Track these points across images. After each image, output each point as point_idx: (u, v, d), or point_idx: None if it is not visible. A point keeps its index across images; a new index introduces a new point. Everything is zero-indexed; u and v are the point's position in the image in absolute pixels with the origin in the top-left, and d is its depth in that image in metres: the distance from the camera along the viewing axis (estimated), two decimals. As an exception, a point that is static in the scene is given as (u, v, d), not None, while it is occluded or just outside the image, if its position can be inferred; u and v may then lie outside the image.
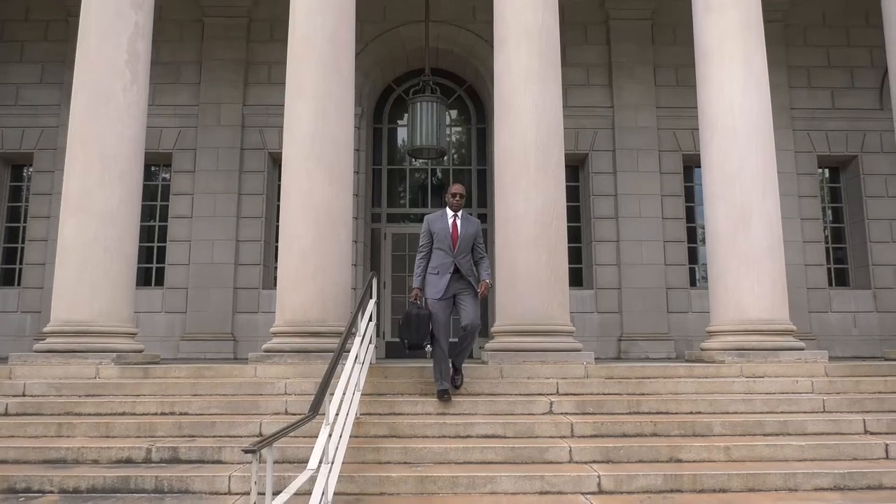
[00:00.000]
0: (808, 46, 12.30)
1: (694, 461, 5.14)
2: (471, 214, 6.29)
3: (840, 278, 12.17)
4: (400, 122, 12.79)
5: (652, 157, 11.71)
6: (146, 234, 11.46)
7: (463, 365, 6.28)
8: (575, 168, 12.10)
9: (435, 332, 5.82)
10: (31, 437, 5.57)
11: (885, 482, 4.84)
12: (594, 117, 11.86)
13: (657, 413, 6.00)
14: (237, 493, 4.65)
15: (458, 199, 6.13)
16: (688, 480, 4.76)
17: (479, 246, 6.17)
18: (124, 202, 7.44)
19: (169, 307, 11.22)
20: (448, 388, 5.92)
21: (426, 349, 5.82)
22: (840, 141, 12.03)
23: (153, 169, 11.88)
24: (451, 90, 12.78)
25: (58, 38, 11.85)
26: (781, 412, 6.07)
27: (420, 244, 6.15)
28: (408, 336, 5.78)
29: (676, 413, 6.00)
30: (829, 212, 12.44)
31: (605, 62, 12.06)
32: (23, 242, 11.64)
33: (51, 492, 4.71)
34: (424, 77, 10.84)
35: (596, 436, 5.54)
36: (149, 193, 11.55)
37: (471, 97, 12.89)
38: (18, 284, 11.46)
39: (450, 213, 6.11)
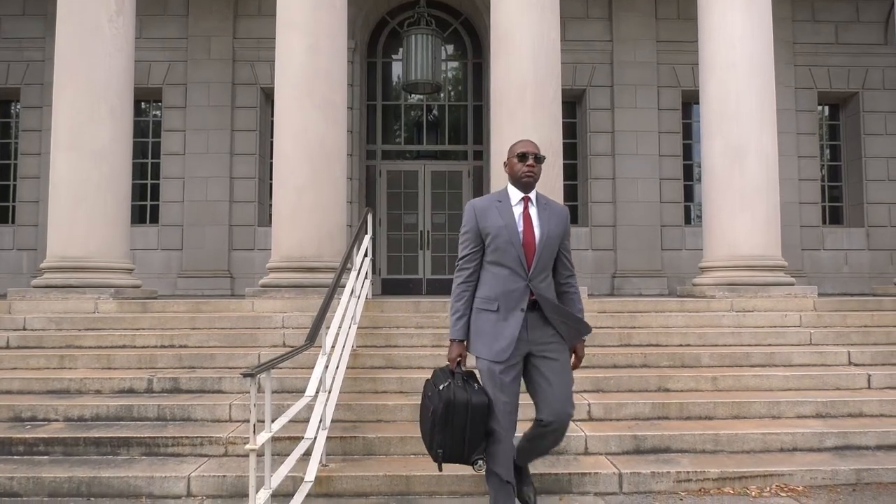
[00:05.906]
0: (814, -23, 11.96)
1: (682, 391, 5.30)
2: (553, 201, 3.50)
3: (834, 216, 12.22)
4: (395, 56, 12.50)
5: (651, 92, 11.53)
6: (139, 171, 11.36)
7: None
8: (572, 104, 11.92)
9: (494, 429, 3.11)
10: (34, 368, 5.69)
11: (865, 410, 5.02)
12: (592, 52, 11.60)
13: (647, 345, 6.14)
14: (238, 421, 4.78)
15: (531, 163, 3.25)
16: (675, 408, 4.92)
17: (566, 255, 3.37)
18: (116, 138, 7.36)
19: (165, 244, 11.24)
20: None
21: (477, 468, 3.18)
22: (842, 77, 11.84)
23: (143, 105, 11.67)
24: (447, 23, 12.44)
25: (39, -33, 11.43)
26: (769, 345, 6.22)
27: (460, 255, 3.30)
28: (443, 441, 3.11)
29: (666, 346, 6.15)
30: (827, 150, 12.37)
31: (605, -6, 11.72)
32: (15, 180, 11.55)
33: (56, 420, 4.84)
34: (419, 9, 10.54)
35: (587, 367, 5.63)
36: (140, 130, 11.37)
37: (467, 31, 12.56)
38: (13, 222, 11.42)
39: (516, 195, 3.30)
